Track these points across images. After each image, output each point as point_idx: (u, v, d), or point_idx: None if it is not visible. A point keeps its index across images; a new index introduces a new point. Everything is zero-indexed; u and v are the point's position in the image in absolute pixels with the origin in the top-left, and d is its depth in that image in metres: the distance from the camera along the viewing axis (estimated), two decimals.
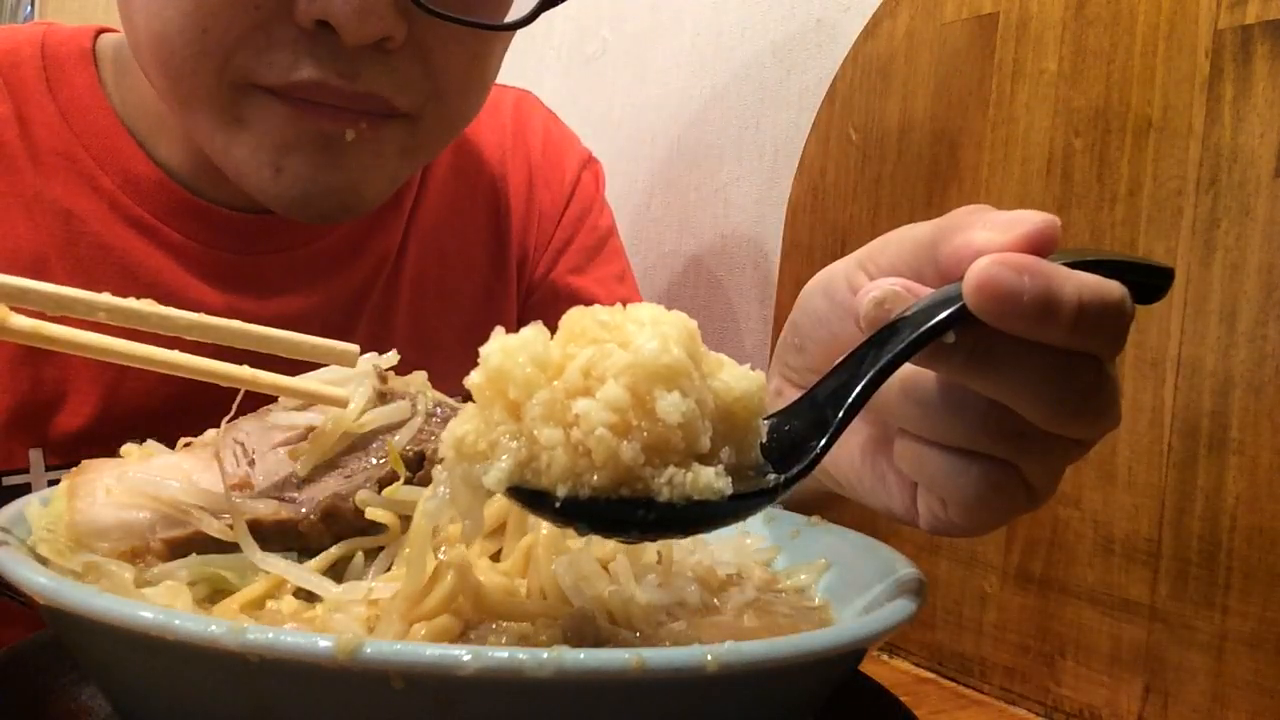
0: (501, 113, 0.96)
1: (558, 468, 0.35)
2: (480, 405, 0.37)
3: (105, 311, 0.45)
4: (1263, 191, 0.69)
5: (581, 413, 0.35)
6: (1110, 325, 0.39)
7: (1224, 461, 0.70)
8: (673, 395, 0.35)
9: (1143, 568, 0.74)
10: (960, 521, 0.45)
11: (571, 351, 0.36)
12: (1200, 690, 0.71)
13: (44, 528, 0.48)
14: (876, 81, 0.98)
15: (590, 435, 0.35)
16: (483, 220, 0.92)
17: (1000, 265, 0.38)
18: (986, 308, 0.38)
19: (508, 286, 0.93)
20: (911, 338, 0.39)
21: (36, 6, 3.15)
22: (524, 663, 0.34)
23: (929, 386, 0.43)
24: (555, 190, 0.96)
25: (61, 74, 0.77)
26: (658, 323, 0.37)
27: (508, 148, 0.94)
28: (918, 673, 0.89)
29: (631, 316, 0.37)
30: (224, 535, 0.47)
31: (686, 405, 0.35)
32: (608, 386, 0.35)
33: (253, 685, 0.37)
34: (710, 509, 0.37)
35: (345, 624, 0.42)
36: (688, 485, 0.36)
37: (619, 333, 0.37)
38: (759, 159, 1.19)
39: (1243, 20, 0.71)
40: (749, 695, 0.40)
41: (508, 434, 0.36)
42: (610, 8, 1.42)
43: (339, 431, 0.50)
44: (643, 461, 0.35)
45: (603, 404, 0.35)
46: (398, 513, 0.49)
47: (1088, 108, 0.80)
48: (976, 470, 0.43)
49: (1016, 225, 0.40)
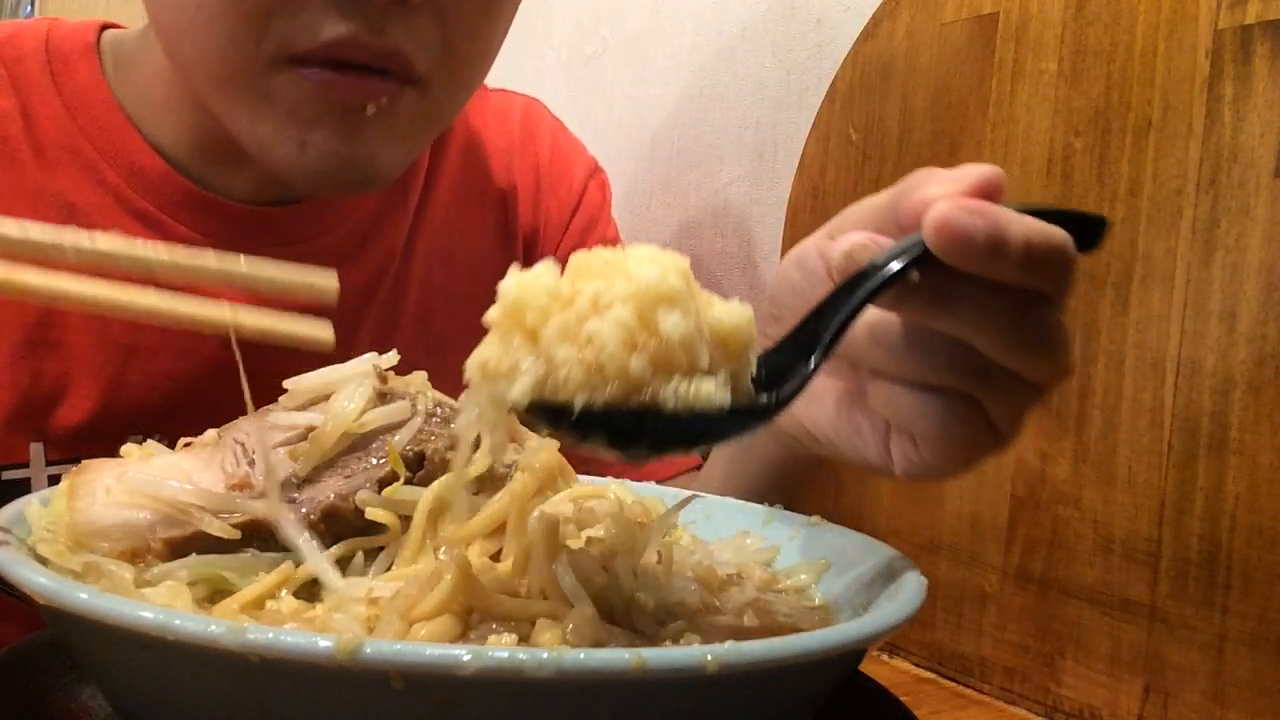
0: (510, 118, 0.96)
1: (573, 382, 0.39)
2: (500, 333, 0.41)
3: (74, 252, 0.45)
4: (1263, 191, 0.69)
5: (593, 332, 0.39)
6: (1055, 265, 0.43)
7: (1224, 461, 0.70)
8: (674, 314, 0.39)
9: (1143, 568, 0.74)
10: (931, 460, 0.48)
11: (580, 286, 0.40)
12: (1200, 690, 0.71)
13: (44, 528, 0.48)
14: (876, 81, 0.98)
15: (602, 351, 0.39)
16: (490, 222, 0.92)
17: (955, 208, 0.41)
18: (944, 246, 0.41)
19: None
20: (882, 276, 0.43)
21: (37, 4, 3.15)
22: (524, 663, 0.34)
23: (895, 329, 0.46)
24: (563, 198, 0.96)
25: (65, 68, 0.77)
26: (656, 258, 0.41)
27: (515, 153, 0.95)
28: (918, 673, 0.89)
29: (632, 255, 0.41)
30: (225, 534, 0.47)
31: (686, 324, 0.40)
32: (615, 309, 0.39)
33: (253, 685, 0.37)
34: (712, 423, 0.40)
35: (345, 624, 0.42)
36: (691, 395, 0.39)
37: (622, 268, 0.40)
38: (759, 159, 1.19)
39: (1243, 20, 0.71)
40: (749, 695, 0.40)
41: (527, 356, 0.40)
42: (610, 8, 1.42)
43: (339, 432, 0.50)
44: (650, 374, 0.39)
45: (612, 323, 0.39)
46: (398, 513, 0.49)
47: (1088, 108, 0.80)
48: (943, 404, 0.46)
49: (965, 178, 0.44)
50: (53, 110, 0.76)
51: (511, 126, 0.96)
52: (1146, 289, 0.75)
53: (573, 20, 1.48)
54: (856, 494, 0.97)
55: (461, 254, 0.90)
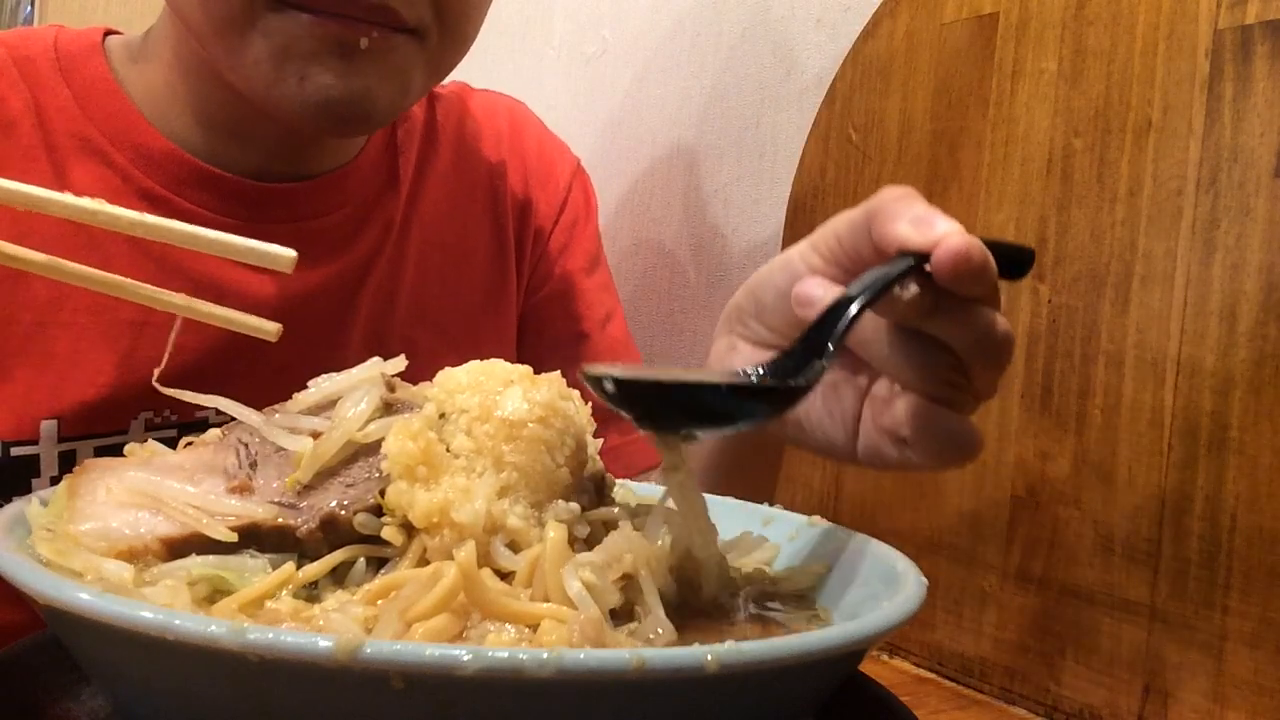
0: (497, 117, 0.99)
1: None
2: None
3: (59, 207, 0.50)
4: (1263, 191, 0.69)
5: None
6: (991, 282, 0.53)
7: (1224, 461, 0.70)
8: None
9: (1143, 568, 0.74)
10: (907, 456, 0.56)
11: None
12: (1200, 690, 0.71)
13: (44, 527, 0.48)
14: (876, 81, 0.98)
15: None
16: (481, 212, 0.95)
17: (969, 243, 0.50)
18: (957, 270, 0.49)
19: (507, 283, 0.96)
20: (878, 287, 0.50)
21: (37, 7, 3.14)
22: (524, 663, 0.34)
23: (889, 334, 0.54)
24: (550, 195, 0.99)
25: (73, 64, 0.80)
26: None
27: (504, 150, 0.98)
28: (918, 673, 0.89)
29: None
30: (223, 537, 0.47)
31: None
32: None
33: (253, 685, 0.37)
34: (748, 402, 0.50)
35: (345, 624, 0.42)
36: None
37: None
38: (759, 159, 1.19)
39: (1243, 20, 0.71)
40: (749, 695, 0.40)
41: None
42: (610, 8, 1.42)
43: (343, 440, 0.50)
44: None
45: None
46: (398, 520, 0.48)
47: (1088, 108, 0.80)
48: (925, 405, 0.54)
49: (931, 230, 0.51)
50: (62, 102, 0.78)
51: (499, 125, 0.99)
52: (1146, 289, 0.75)
53: (573, 20, 1.48)
54: (857, 494, 0.97)
55: (455, 244, 0.93)
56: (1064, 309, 0.80)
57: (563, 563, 0.44)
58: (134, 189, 0.78)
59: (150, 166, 0.79)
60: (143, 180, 0.78)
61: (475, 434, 0.48)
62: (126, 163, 0.78)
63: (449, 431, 0.49)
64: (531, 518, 0.47)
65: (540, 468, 0.49)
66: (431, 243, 0.91)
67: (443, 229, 0.92)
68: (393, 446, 0.47)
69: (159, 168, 0.79)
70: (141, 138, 0.79)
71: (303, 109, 0.71)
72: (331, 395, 0.52)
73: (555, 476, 0.49)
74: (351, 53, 0.70)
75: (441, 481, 0.47)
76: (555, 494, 0.49)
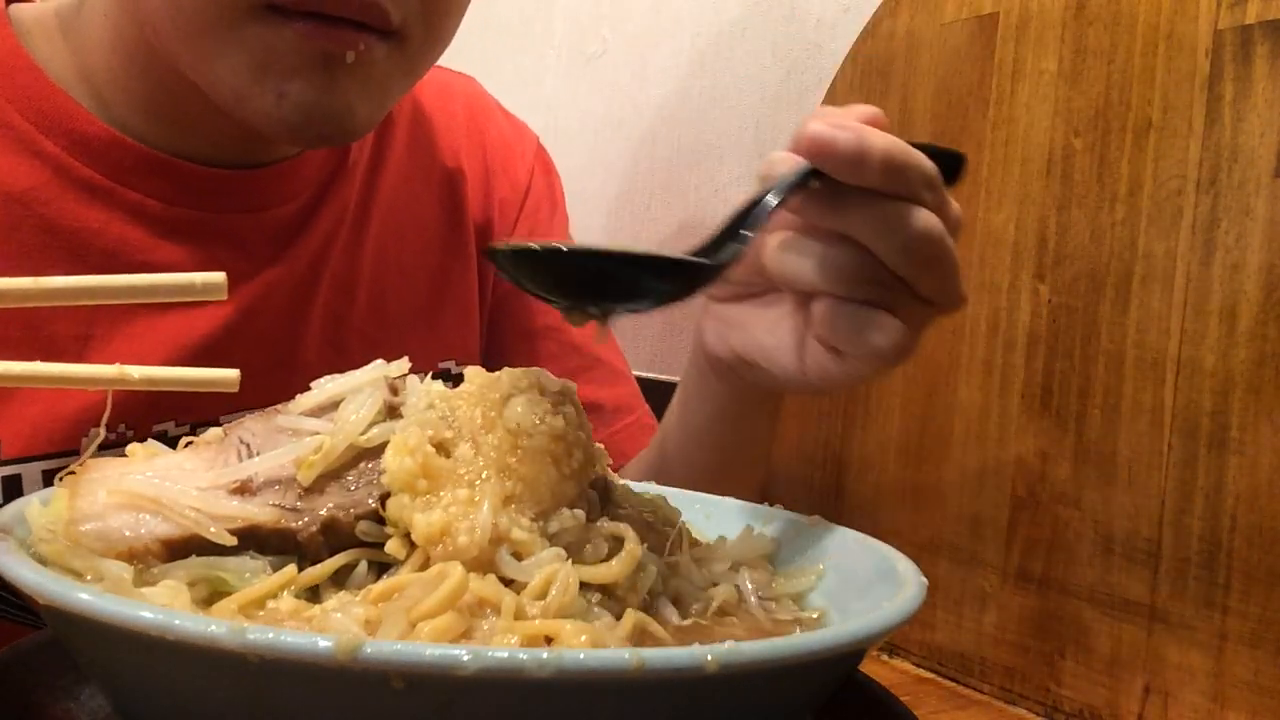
0: (453, 98, 0.96)
1: None
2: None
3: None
4: (1263, 191, 0.69)
5: None
6: (916, 174, 0.52)
7: (1224, 461, 0.70)
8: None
9: (1143, 568, 0.74)
10: (843, 365, 0.57)
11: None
12: (1200, 690, 0.71)
13: (44, 527, 0.48)
14: (876, 81, 0.98)
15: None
16: (436, 196, 0.92)
17: (822, 123, 0.51)
18: (814, 155, 0.51)
19: (467, 271, 0.92)
20: (785, 180, 0.52)
21: None
22: (524, 663, 0.34)
23: (806, 240, 0.55)
24: (513, 178, 0.96)
25: None
26: None
27: (461, 132, 0.94)
28: (918, 673, 0.89)
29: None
30: (221, 540, 0.47)
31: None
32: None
33: (253, 685, 0.37)
34: (665, 280, 0.50)
35: (346, 624, 0.42)
36: None
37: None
38: (759, 159, 1.19)
39: (1243, 20, 0.71)
40: (749, 695, 0.40)
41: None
42: (610, 8, 1.42)
43: (345, 445, 0.49)
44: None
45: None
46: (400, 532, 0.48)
47: (1088, 108, 0.80)
48: (855, 310, 0.55)
49: (850, 111, 0.53)
50: None
51: (455, 106, 0.95)
52: (1146, 289, 0.75)
53: (573, 20, 1.48)
54: (857, 494, 0.97)
55: (410, 228, 0.89)
56: (1064, 309, 0.80)
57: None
58: (70, 180, 0.71)
59: (89, 156, 0.71)
60: (80, 170, 0.71)
61: (480, 443, 0.48)
62: (58, 151, 0.71)
63: (452, 440, 0.49)
64: (536, 529, 0.47)
65: (546, 479, 0.48)
66: (389, 229, 0.87)
67: (400, 215, 0.88)
68: (391, 464, 0.47)
69: (99, 156, 0.71)
70: (75, 123, 0.71)
71: (278, 126, 0.67)
72: (334, 397, 0.52)
73: (561, 488, 0.48)
74: (335, 67, 0.67)
75: (442, 495, 0.46)
76: (560, 504, 0.48)
